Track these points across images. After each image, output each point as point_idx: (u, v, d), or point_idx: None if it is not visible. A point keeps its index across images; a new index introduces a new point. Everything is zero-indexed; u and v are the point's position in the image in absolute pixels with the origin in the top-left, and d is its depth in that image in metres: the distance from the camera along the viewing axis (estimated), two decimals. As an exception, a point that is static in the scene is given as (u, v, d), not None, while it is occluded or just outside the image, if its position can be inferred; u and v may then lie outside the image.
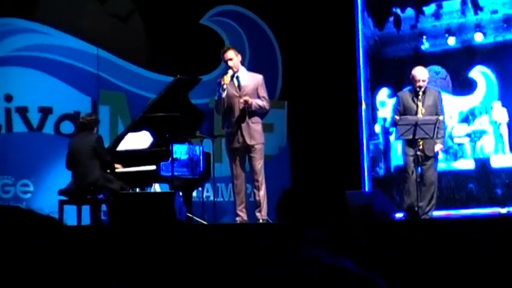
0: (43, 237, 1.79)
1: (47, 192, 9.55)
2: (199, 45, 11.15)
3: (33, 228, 1.80)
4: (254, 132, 8.18)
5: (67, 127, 10.32)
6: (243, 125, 8.17)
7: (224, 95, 8.16)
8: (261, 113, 8.31)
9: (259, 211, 8.14)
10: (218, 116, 11.06)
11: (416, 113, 8.57)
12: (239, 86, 8.28)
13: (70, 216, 8.41)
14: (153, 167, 8.52)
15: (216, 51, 11.33)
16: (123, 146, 8.75)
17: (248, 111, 8.17)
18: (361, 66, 11.32)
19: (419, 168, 8.59)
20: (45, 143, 10.18)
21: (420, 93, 8.61)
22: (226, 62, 8.36)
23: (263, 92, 8.30)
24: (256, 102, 8.18)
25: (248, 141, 8.15)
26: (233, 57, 8.30)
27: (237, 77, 8.30)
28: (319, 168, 11.10)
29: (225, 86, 8.16)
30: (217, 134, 10.44)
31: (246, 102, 8.14)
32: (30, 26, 10.31)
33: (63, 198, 8.53)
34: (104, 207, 8.74)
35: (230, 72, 8.26)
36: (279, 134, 11.39)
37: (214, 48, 11.30)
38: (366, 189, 10.98)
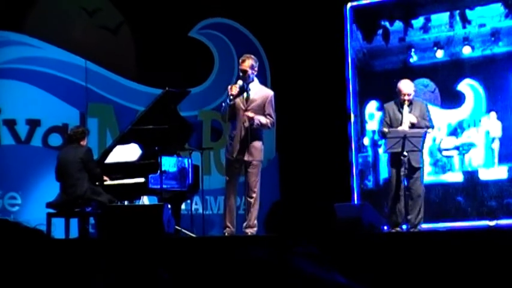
0: (29, 250, 1.78)
1: (35, 205, 9.51)
2: (188, 57, 11.15)
3: (20, 241, 1.79)
4: (253, 149, 8.11)
5: (55, 139, 10.29)
6: (244, 140, 8.12)
7: (231, 104, 8.09)
8: (262, 129, 8.24)
9: (248, 227, 8.11)
10: (207, 129, 11.09)
11: (401, 123, 8.61)
12: (247, 99, 8.20)
13: (58, 229, 8.38)
14: (142, 180, 8.50)
15: (204, 64, 11.39)
16: (111, 159, 8.73)
17: (250, 128, 8.10)
18: (350, 79, 11.35)
19: (405, 181, 8.59)
20: (33, 156, 10.14)
21: (406, 104, 8.65)
22: (240, 71, 8.24)
23: (270, 110, 8.18)
24: (259, 119, 8.06)
25: (245, 157, 8.11)
26: (248, 68, 8.17)
27: (248, 90, 8.21)
28: (308, 180, 11.10)
29: (231, 97, 8.07)
30: (206, 146, 10.44)
31: (249, 118, 8.08)
32: (19, 39, 10.29)
33: (51, 210, 8.50)
34: (92, 220, 8.71)
35: (240, 82, 8.15)
36: (268, 147, 11.32)
37: (203, 61, 11.34)
38: (355, 202, 10.98)
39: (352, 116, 11.24)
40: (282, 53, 11.61)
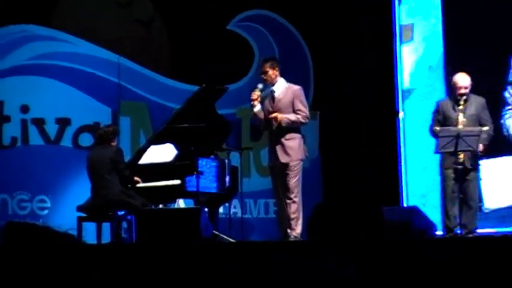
0: (61, 255, 1.80)
1: (65, 208, 9.60)
2: (226, 52, 11.16)
3: (51, 245, 1.82)
4: (288, 149, 8.20)
5: (86, 139, 10.37)
6: (277, 143, 8.21)
7: (256, 110, 8.26)
8: (296, 126, 8.31)
9: (291, 228, 8.14)
10: (246, 128, 11.10)
11: (456, 123, 8.49)
12: (273, 100, 8.30)
13: (89, 234, 8.45)
14: (177, 182, 8.53)
15: (244, 59, 11.38)
16: (145, 160, 8.77)
17: (280, 129, 8.19)
18: (398, 73, 11.27)
19: (459, 184, 8.52)
20: (63, 157, 10.22)
21: (462, 101, 8.54)
22: (261, 73, 8.40)
23: (299, 105, 8.28)
24: (287, 118, 8.18)
25: (282, 159, 8.19)
26: (268, 70, 8.31)
27: (272, 91, 8.33)
28: (353, 182, 11.06)
29: (252, 103, 8.29)
30: (245, 146, 10.45)
31: (275, 119, 8.17)
32: (48, 33, 10.38)
33: (81, 214, 8.56)
34: (125, 224, 8.76)
35: (260, 86, 8.32)
36: (310, 146, 11.29)
37: (241, 56, 11.33)
38: (405, 205, 10.91)
39: (401, 112, 11.16)
40: (326, 45, 11.57)
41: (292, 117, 8.23)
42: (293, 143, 8.23)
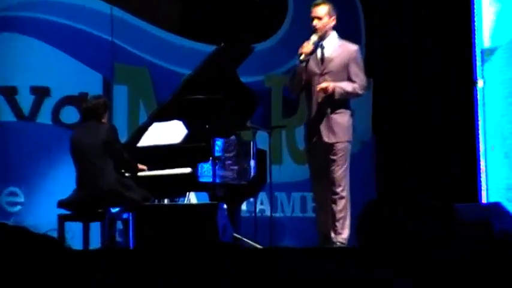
0: (38, 264, 1.80)
1: (43, 203, 9.65)
2: (251, 2, 11.16)
3: (25, 251, 1.81)
4: (335, 126, 8.08)
5: (70, 115, 10.41)
6: (321, 118, 8.09)
7: (298, 69, 8.14)
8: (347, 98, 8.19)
9: (336, 232, 8.09)
10: (277, 100, 11.09)
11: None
12: (322, 59, 8.21)
13: (74, 237, 8.48)
14: (188, 170, 8.55)
15: (273, 11, 11.37)
16: (146, 141, 8.80)
17: (329, 100, 8.06)
18: (477, 27, 11.23)
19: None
20: (40, 136, 10.27)
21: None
22: (312, 20, 8.22)
23: (356, 69, 8.14)
24: (342, 88, 8.04)
25: (326, 139, 8.09)
26: (323, 16, 8.16)
27: (322, 46, 8.20)
28: (416, 171, 11.05)
29: (302, 57, 8.07)
30: (276, 124, 10.45)
31: (324, 91, 8.06)
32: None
33: (64, 211, 8.60)
34: (119, 224, 8.79)
35: (314, 37, 8.13)
36: (361, 125, 11.30)
37: (270, 7, 11.32)
38: (484, 201, 10.90)
39: (480, 80, 11.13)
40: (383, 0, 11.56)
41: (348, 87, 8.08)
42: (341, 118, 8.12)
